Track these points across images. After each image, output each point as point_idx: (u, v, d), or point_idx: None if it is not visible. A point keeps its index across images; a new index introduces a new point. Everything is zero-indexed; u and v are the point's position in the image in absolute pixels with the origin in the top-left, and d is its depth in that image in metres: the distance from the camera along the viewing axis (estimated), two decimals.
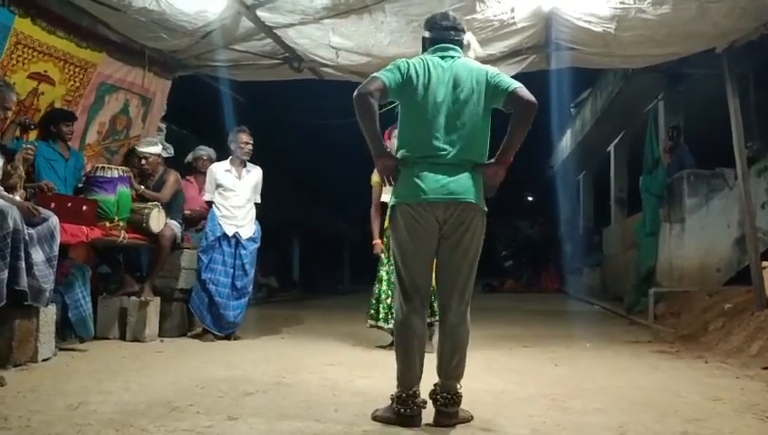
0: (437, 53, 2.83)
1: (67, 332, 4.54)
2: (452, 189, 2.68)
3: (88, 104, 5.56)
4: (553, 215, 17.99)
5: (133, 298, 5.21)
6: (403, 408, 2.65)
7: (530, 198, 27.52)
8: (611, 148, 14.39)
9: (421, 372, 2.74)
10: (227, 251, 5.49)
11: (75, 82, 5.34)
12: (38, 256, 3.84)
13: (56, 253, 3.96)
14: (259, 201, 5.80)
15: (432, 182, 2.68)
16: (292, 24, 5.45)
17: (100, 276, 5.68)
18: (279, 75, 6.64)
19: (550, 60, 5.94)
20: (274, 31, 5.58)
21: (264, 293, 12.43)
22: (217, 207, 5.55)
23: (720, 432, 2.62)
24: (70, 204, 4.64)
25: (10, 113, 4.05)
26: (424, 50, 2.93)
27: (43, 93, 5.10)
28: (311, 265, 20.06)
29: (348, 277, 23.07)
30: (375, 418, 2.73)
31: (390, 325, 4.80)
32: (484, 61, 5.68)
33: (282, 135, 15.11)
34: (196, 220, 6.12)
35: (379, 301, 5.14)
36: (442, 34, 2.87)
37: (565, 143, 18.23)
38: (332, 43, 5.70)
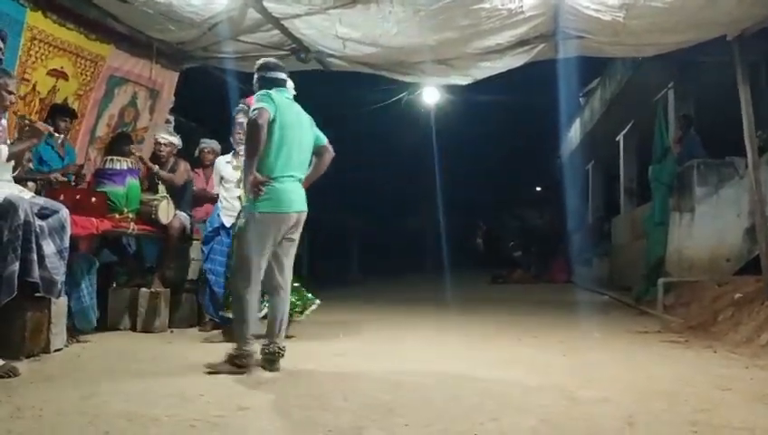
0: (284, 93, 3.76)
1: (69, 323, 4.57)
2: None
3: (99, 97, 5.60)
4: (562, 205, 17.92)
5: (143, 289, 5.25)
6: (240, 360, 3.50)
7: (538, 189, 27.44)
8: (620, 137, 14.29)
9: None
10: (226, 242, 5.48)
11: (86, 75, 5.37)
12: (49, 248, 3.86)
13: (67, 245, 3.98)
14: None
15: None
16: (298, 15, 5.43)
17: (103, 266, 5.70)
18: (286, 66, 6.62)
19: (558, 49, 5.90)
20: (281, 21, 5.57)
21: None
22: (220, 200, 5.57)
23: (729, 422, 2.61)
24: (79, 196, 4.67)
25: (14, 98, 4.05)
26: (261, 88, 3.74)
27: (59, 90, 5.14)
28: (319, 257, 20.09)
29: (356, 268, 23.10)
30: (211, 369, 3.48)
31: None
32: (491, 51, 5.69)
33: None
34: (200, 200, 6.13)
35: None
36: (281, 77, 3.82)
37: (574, 133, 18.12)
38: (339, 34, 5.68)
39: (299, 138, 3.70)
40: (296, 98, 3.90)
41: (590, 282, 13.30)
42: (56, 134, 4.64)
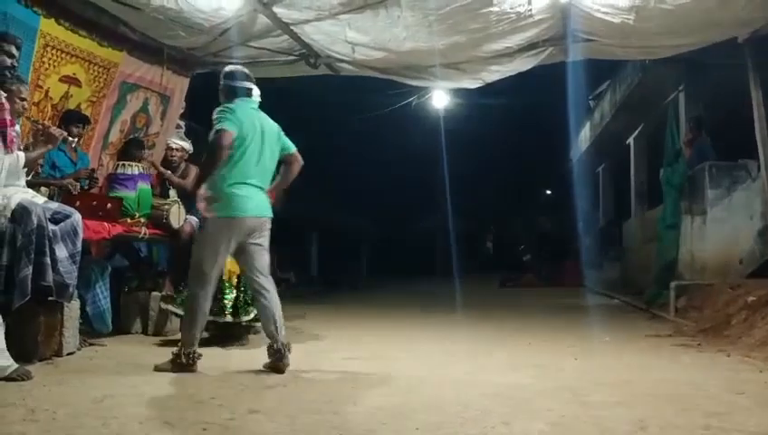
0: (249, 103, 3.81)
1: (85, 326, 4.61)
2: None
3: (111, 104, 5.65)
4: (572, 208, 17.86)
5: (154, 293, 5.28)
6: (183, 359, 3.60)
7: (548, 192, 27.33)
8: (631, 140, 14.21)
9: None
10: None
11: (99, 82, 5.43)
12: (62, 252, 3.90)
13: (79, 249, 4.02)
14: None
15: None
16: (308, 20, 5.47)
17: (115, 270, 5.75)
18: (296, 72, 6.67)
19: (567, 52, 5.91)
20: (291, 27, 5.61)
21: (282, 288, 12.49)
22: None
23: (743, 426, 2.59)
24: (95, 202, 4.72)
25: (27, 104, 4.11)
26: (226, 97, 3.80)
27: (72, 96, 5.19)
28: (329, 261, 20.12)
29: (366, 272, 23.11)
30: (157, 368, 3.62)
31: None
32: (501, 54, 5.70)
33: (300, 131, 15.15)
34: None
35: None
36: (247, 86, 3.85)
37: (584, 136, 18.04)
38: (348, 39, 5.71)
39: (259, 148, 3.76)
40: (262, 105, 3.93)
41: (600, 285, 13.22)
42: (70, 138, 4.69)
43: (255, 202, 3.76)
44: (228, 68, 3.98)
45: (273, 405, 2.86)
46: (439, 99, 11.73)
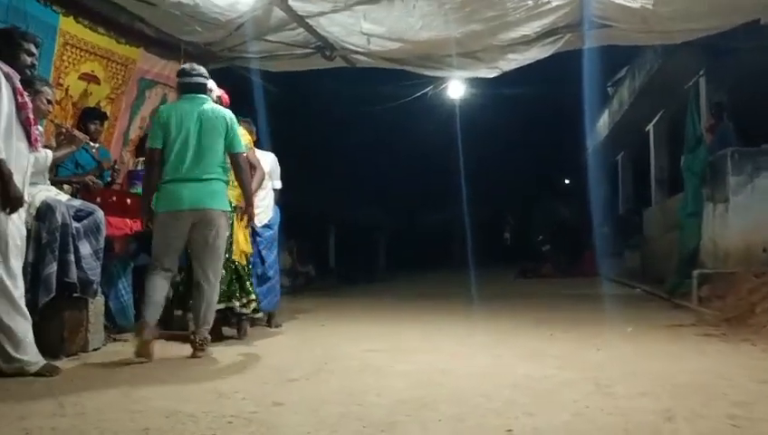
0: (190, 100, 4.03)
1: (109, 322, 4.67)
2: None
3: (131, 100, 5.71)
4: (591, 197, 17.68)
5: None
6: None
7: (566, 181, 27.10)
8: (650, 127, 14.03)
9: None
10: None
11: (118, 79, 5.48)
12: (85, 249, 3.97)
13: (102, 245, 4.08)
14: (277, 186, 5.76)
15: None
16: (323, 13, 5.47)
17: (137, 267, 5.81)
18: (311, 65, 6.68)
19: (585, 38, 5.83)
20: (306, 20, 5.61)
21: (301, 281, 12.56)
22: None
23: None
24: (115, 198, 4.77)
25: (52, 107, 4.17)
26: (178, 92, 4.15)
27: (91, 93, 5.25)
28: (347, 254, 20.17)
29: (384, 265, 23.14)
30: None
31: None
32: (518, 42, 5.61)
33: (316, 125, 15.19)
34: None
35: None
36: (193, 81, 4.07)
37: (602, 124, 17.84)
38: (364, 30, 5.70)
39: (194, 141, 3.96)
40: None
41: (621, 275, 13.11)
42: (91, 143, 4.75)
43: (193, 195, 3.94)
44: (181, 66, 4.31)
45: (296, 398, 2.88)
46: (455, 89, 11.66)
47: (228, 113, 4.09)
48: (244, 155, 4.18)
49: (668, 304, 7.50)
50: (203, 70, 4.19)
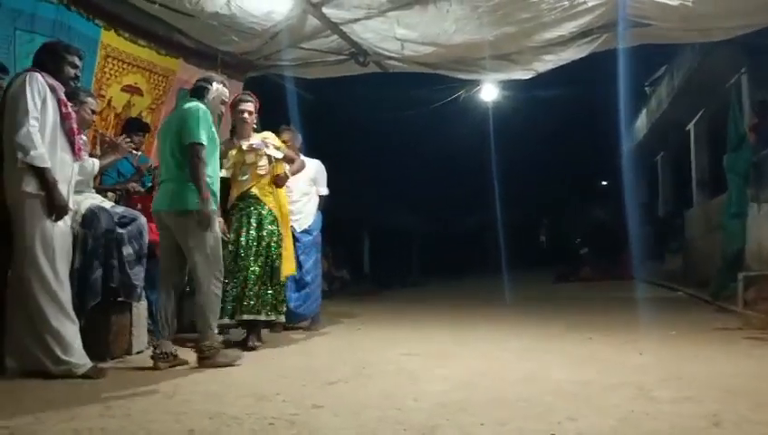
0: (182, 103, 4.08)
1: (152, 326, 4.76)
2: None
3: (169, 110, 5.83)
4: (628, 199, 17.35)
5: None
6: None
7: (603, 183, 26.65)
8: (691, 126, 13.72)
9: None
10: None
11: (159, 90, 5.62)
12: (129, 254, 4.07)
13: (145, 250, 4.18)
14: (323, 192, 5.85)
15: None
16: (357, 19, 5.51)
17: None
18: (345, 71, 6.73)
19: (622, 38, 5.73)
20: (340, 27, 5.66)
21: (337, 285, 12.65)
22: None
23: None
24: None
25: (95, 117, 4.31)
26: None
27: (134, 105, 5.40)
28: (381, 258, 20.21)
29: (418, 270, 23.10)
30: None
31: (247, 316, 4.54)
32: (553, 43, 5.57)
33: (350, 131, 15.28)
34: None
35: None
36: (191, 89, 4.13)
37: (640, 124, 17.52)
38: (398, 35, 5.72)
39: (162, 143, 3.99)
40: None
41: (661, 278, 12.82)
42: (135, 152, 4.87)
43: (159, 197, 3.93)
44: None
45: (335, 401, 2.89)
46: (488, 92, 11.60)
47: (190, 107, 3.87)
48: (197, 147, 3.76)
49: (712, 308, 7.31)
50: (208, 75, 4.29)
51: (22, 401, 2.86)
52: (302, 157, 5.70)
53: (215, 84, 4.08)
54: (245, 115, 4.77)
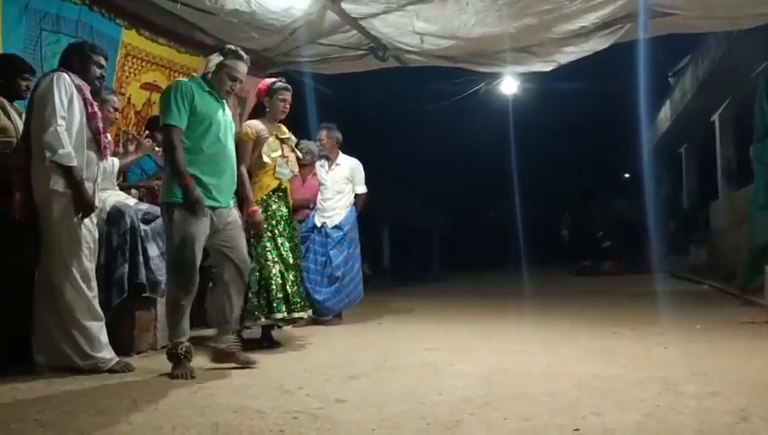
0: None
1: None
2: None
3: None
4: (652, 191, 17.11)
5: None
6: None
7: (626, 175, 26.30)
8: (716, 117, 13.48)
9: None
10: (318, 240, 5.76)
11: None
12: (153, 250, 4.13)
13: None
14: (359, 191, 5.91)
15: None
16: (376, 14, 5.49)
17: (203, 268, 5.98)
18: (364, 66, 6.72)
19: (645, 28, 5.64)
20: (359, 22, 5.65)
21: None
22: (318, 202, 5.81)
23: None
24: None
25: (117, 115, 4.36)
26: None
27: (155, 102, 5.45)
28: (401, 253, 20.21)
29: (438, 264, 23.07)
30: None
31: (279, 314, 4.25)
32: (575, 35, 5.47)
33: (370, 125, 15.28)
34: (296, 209, 6.32)
35: (267, 289, 4.25)
36: None
37: (663, 115, 17.26)
38: (417, 29, 5.70)
39: None
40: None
41: (686, 271, 12.65)
42: (157, 149, 4.92)
43: None
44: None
45: (358, 395, 2.90)
46: (508, 85, 11.50)
47: (167, 86, 3.61)
48: (166, 129, 3.41)
49: (738, 301, 7.19)
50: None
51: (51, 396, 2.91)
52: (340, 154, 5.78)
53: (213, 56, 3.65)
54: (287, 105, 4.45)
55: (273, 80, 4.55)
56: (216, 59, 3.61)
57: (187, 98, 3.43)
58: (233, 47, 3.68)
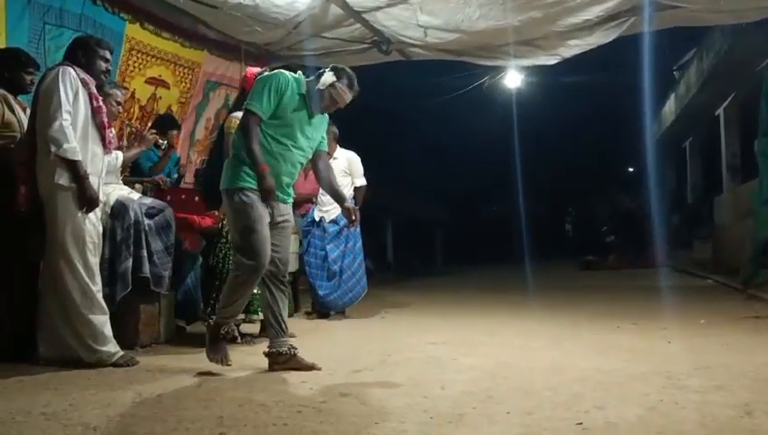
0: None
1: (179, 315, 4.83)
2: None
3: (196, 103, 5.91)
4: (656, 186, 17.06)
5: None
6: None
7: (630, 170, 26.25)
8: (720, 111, 13.43)
9: None
10: (317, 235, 5.78)
11: (186, 83, 5.68)
12: (157, 244, 4.13)
13: (173, 241, 4.23)
14: (359, 184, 5.89)
15: None
16: (379, 7, 5.47)
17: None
18: (367, 60, 6.70)
19: (650, 21, 5.60)
20: (363, 15, 5.63)
21: None
22: (318, 196, 5.79)
23: None
24: (183, 196, 4.95)
25: (121, 109, 4.36)
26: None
27: (161, 98, 5.46)
28: (405, 248, 20.23)
29: (442, 259, 23.07)
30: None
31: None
32: (579, 28, 5.44)
33: (373, 119, 15.25)
34: (298, 204, 6.34)
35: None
36: None
37: (668, 109, 17.18)
38: (420, 23, 5.67)
39: None
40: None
41: (690, 265, 12.63)
42: (161, 141, 4.92)
43: None
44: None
45: (362, 389, 2.91)
46: (512, 78, 11.48)
47: (267, 74, 3.51)
48: (245, 113, 3.38)
49: (743, 296, 7.18)
50: (342, 67, 3.59)
51: (57, 389, 2.93)
52: (338, 148, 5.76)
53: (341, 80, 3.47)
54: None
55: (260, 69, 4.47)
56: (330, 77, 3.45)
57: (279, 92, 3.34)
58: (350, 73, 3.55)
